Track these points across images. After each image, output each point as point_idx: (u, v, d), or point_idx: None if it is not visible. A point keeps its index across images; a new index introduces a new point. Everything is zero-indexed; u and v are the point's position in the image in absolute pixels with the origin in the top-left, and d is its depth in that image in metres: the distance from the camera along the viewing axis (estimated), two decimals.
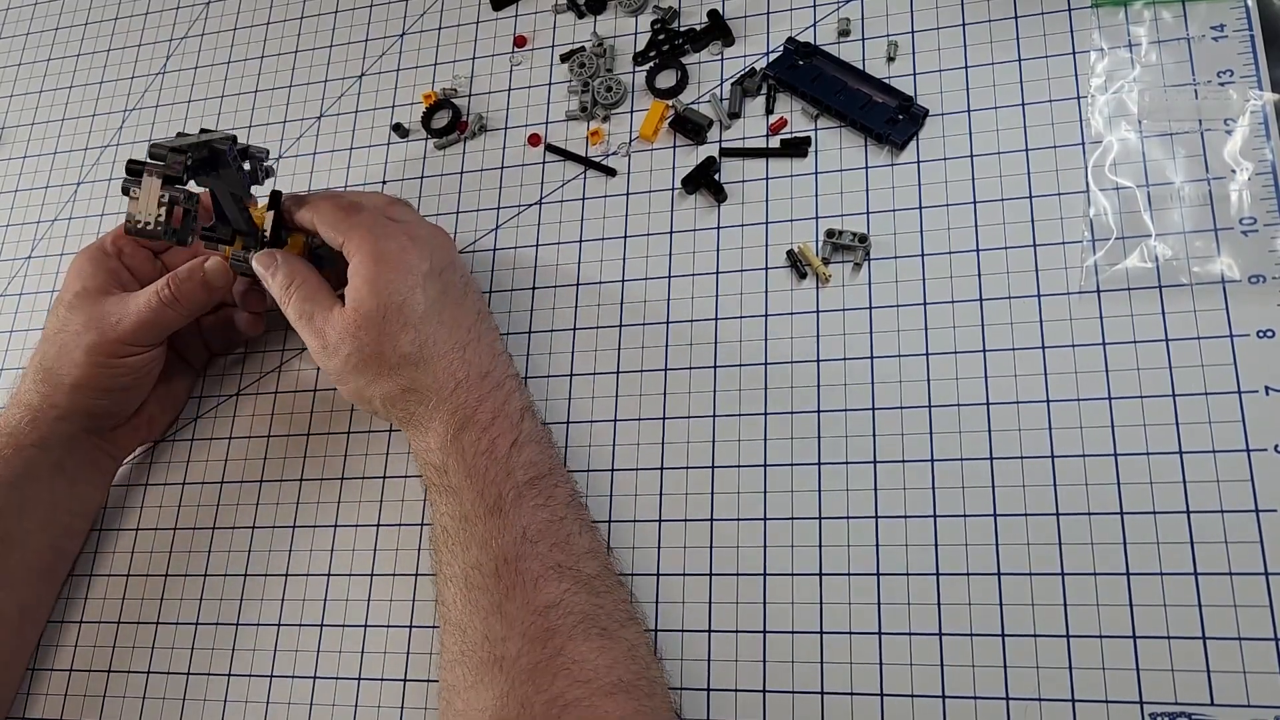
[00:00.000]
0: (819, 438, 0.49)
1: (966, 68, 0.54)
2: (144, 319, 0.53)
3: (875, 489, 0.48)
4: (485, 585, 0.46)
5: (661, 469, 0.51)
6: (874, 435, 0.49)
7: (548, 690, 0.43)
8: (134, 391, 0.56)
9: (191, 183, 0.49)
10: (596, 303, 0.56)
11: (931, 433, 0.48)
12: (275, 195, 0.54)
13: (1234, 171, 0.48)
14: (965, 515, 0.46)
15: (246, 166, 0.52)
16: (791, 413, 0.50)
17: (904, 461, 0.48)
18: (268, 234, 0.53)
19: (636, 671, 0.44)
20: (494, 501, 0.47)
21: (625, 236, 0.57)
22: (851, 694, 0.45)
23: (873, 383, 0.50)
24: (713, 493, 0.50)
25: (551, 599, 0.45)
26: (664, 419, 0.52)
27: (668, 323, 0.54)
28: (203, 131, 0.51)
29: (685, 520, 0.50)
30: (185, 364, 0.60)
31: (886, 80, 0.55)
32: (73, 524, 0.58)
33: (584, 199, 0.59)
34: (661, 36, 0.60)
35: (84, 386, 0.54)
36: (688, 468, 0.51)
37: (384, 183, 0.63)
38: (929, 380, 0.49)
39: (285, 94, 0.68)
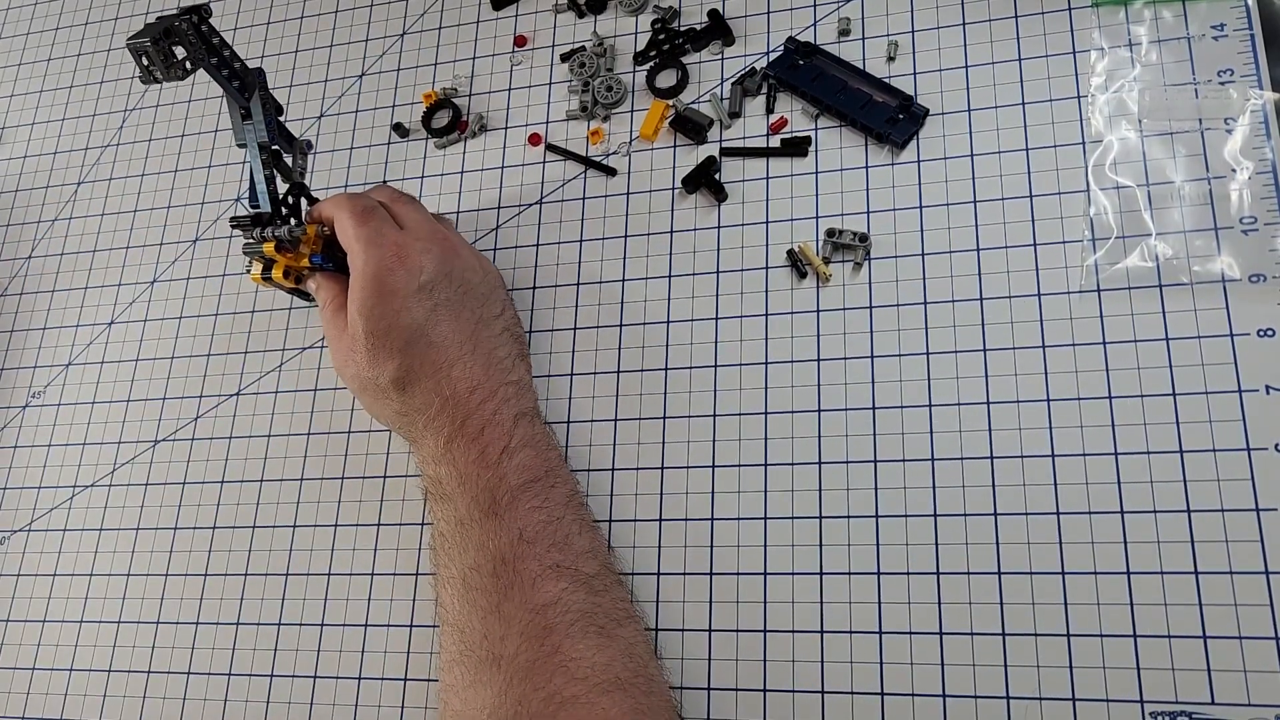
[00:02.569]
0: (819, 437, 0.49)
1: (967, 67, 0.54)
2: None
3: (876, 488, 0.48)
4: (483, 586, 0.46)
5: (662, 468, 0.51)
6: (874, 434, 0.49)
7: (545, 688, 0.43)
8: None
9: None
10: (596, 303, 0.56)
11: (932, 432, 0.48)
12: (292, 188, 0.56)
13: (1234, 171, 0.48)
14: (966, 514, 0.46)
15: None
16: (792, 412, 0.50)
17: (904, 460, 0.48)
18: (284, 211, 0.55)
19: (634, 669, 0.44)
20: (488, 505, 0.47)
21: (625, 236, 0.57)
22: (852, 693, 0.45)
23: (873, 382, 0.50)
24: (713, 492, 0.50)
25: (549, 598, 0.45)
26: (664, 418, 0.52)
27: (668, 322, 0.54)
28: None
29: (686, 519, 0.50)
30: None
31: (886, 80, 0.55)
32: None
33: (584, 199, 0.59)
34: (662, 36, 0.60)
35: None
36: (688, 467, 0.51)
37: (384, 182, 0.63)
38: (929, 379, 0.49)
39: (286, 94, 0.68)
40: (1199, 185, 0.48)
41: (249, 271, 0.54)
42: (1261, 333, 0.45)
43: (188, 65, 0.49)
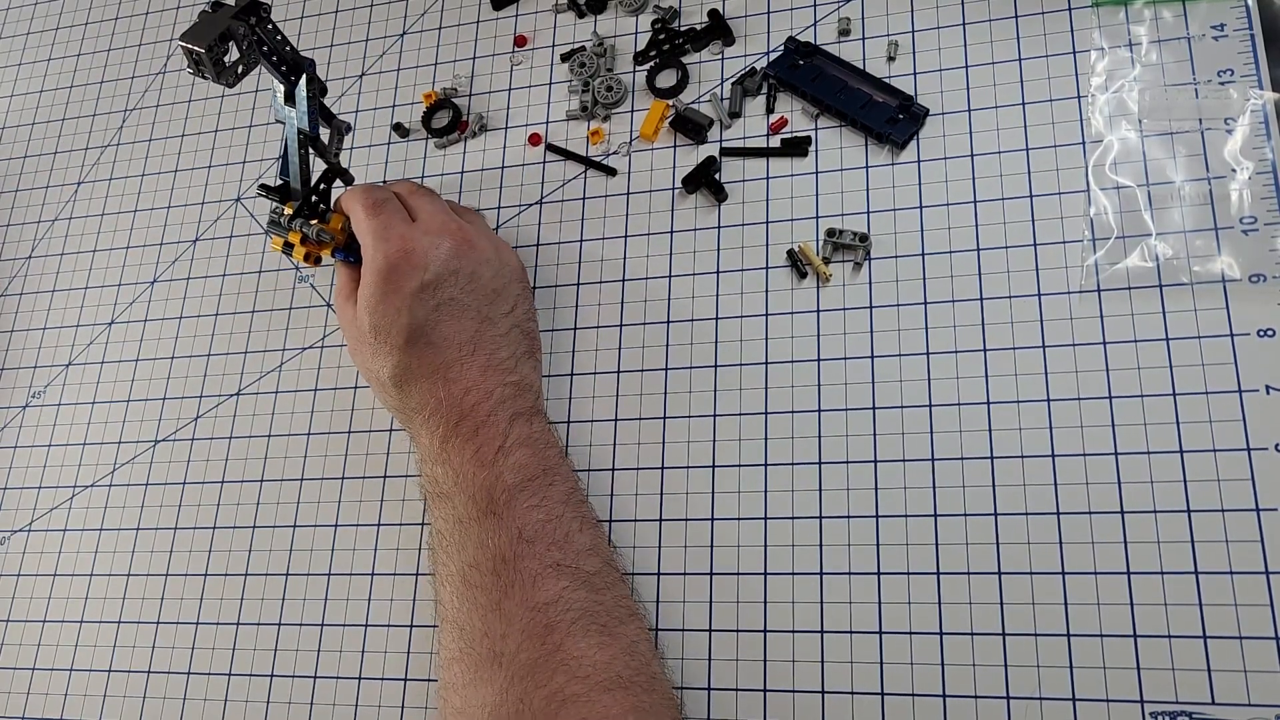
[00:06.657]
0: (819, 437, 0.49)
1: (967, 67, 0.54)
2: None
3: (876, 488, 0.48)
4: (483, 583, 0.46)
5: (662, 468, 0.51)
6: (874, 434, 0.49)
7: (546, 686, 0.43)
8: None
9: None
10: (596, 303, 0.56)
11: (932, 432, 0.48)
12: (328, 172, 0.55)
13: (1234, 171, 0.48)
14: (966, 514, 0.46)
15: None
16: (792, 412, 0.50)
17: (904, 460, 0.48)
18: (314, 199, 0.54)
19: (636, 667, 0.44)
20: (486, 504, 0.47)
21: (625, 236, 0.57)
22: (852, 693, 0.45)
23: (873, 382, 0.50)
24: (713, 492, 0.50)
25: (550, 596, 0.45)
26: (664, 418, 0.52)
27: (668, 322, 0.54)
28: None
29: (686, 519, 0.50)
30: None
31: (887, 80, 0.55)
32: None
33: (584, 199, 0.59)
34: (662, 36, 0.60)
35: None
36: (688, 467, 0.51)
37: (384, 183, 0.63)
38: (929, 379, 0.49)
39: None
40: (1199, 185, 0.48)
41: (269, 236, 0.55)
42: (1261, 333, 0.45)
43: (239, 70, 0.48)
